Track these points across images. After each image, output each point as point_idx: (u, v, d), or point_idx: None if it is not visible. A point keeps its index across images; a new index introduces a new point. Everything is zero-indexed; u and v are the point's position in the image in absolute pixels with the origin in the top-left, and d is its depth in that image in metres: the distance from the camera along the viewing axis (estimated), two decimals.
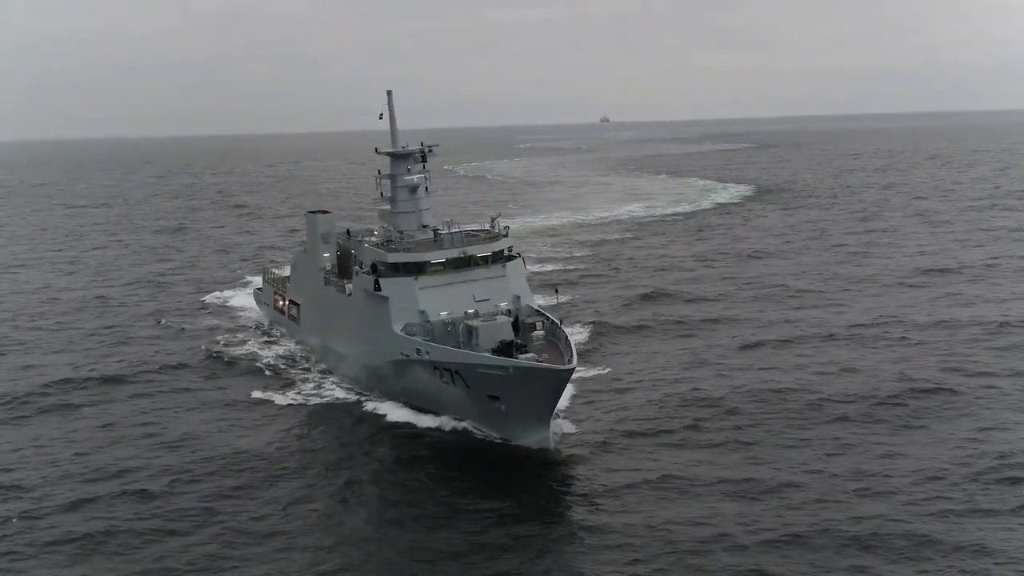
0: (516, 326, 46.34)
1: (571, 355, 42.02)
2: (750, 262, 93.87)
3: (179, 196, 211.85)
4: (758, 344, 60.67)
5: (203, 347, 63.96)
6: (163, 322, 73.14)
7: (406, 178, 54.25)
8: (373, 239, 55.46)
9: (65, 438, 46.99)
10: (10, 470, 42.42)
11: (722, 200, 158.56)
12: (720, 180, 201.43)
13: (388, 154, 55.35)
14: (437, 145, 57.30)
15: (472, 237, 52.36)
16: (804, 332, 63.19)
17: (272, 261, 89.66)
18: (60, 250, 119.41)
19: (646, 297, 77.06)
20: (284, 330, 66.60)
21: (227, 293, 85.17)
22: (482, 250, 50.23)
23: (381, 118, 57.04)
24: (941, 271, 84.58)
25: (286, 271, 71.69)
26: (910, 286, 78.60)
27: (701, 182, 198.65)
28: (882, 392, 49.21)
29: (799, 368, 54.90)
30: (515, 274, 51.16)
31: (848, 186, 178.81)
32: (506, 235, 52.91)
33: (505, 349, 43.21)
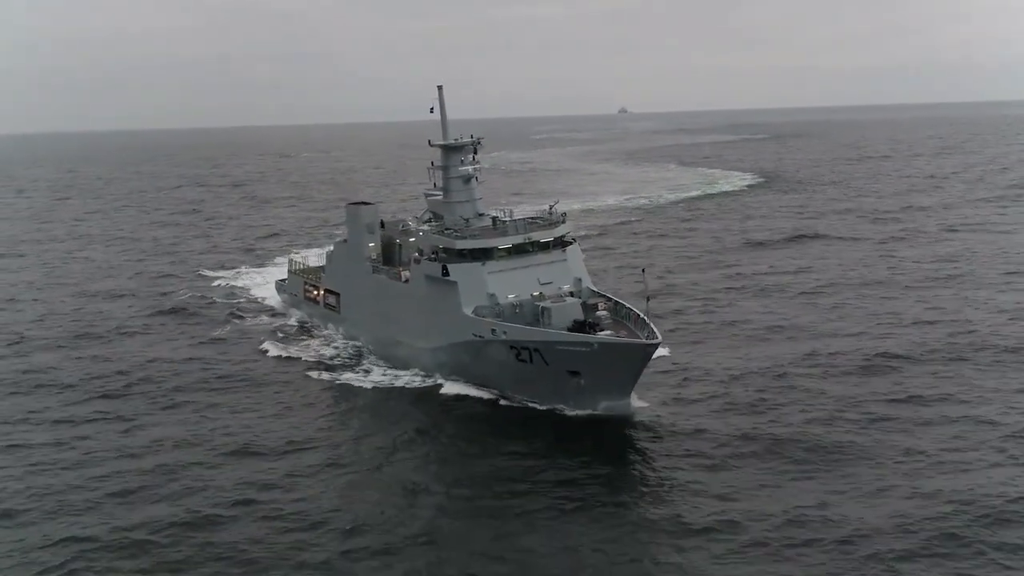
0: (582, 307, 48.46)
1: (650, 331, 44.09)
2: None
3: (203, 185, 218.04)
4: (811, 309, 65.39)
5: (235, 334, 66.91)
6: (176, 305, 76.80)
7: (461, 168, 56.20)
8: (428, 227, 57.03)
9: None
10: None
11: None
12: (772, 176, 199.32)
13: (441, 146, 57.15)
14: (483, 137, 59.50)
15: (532, 223, 54.44)
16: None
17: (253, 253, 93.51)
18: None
19: (684, 274, 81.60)
20: (318, 319, 67.91)
21: (219, 280, 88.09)
22: (544, 235, 52.45)
23: (432, 111, 58.96)
24: None
25: (311, 261, 73.98)
26: None
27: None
28: None
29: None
30: (575, 258, 53.40)
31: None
32: (563, 221, 54.87)
33: (579, 328, 45.67)
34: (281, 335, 66.14)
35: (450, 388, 50.86)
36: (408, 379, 53.50)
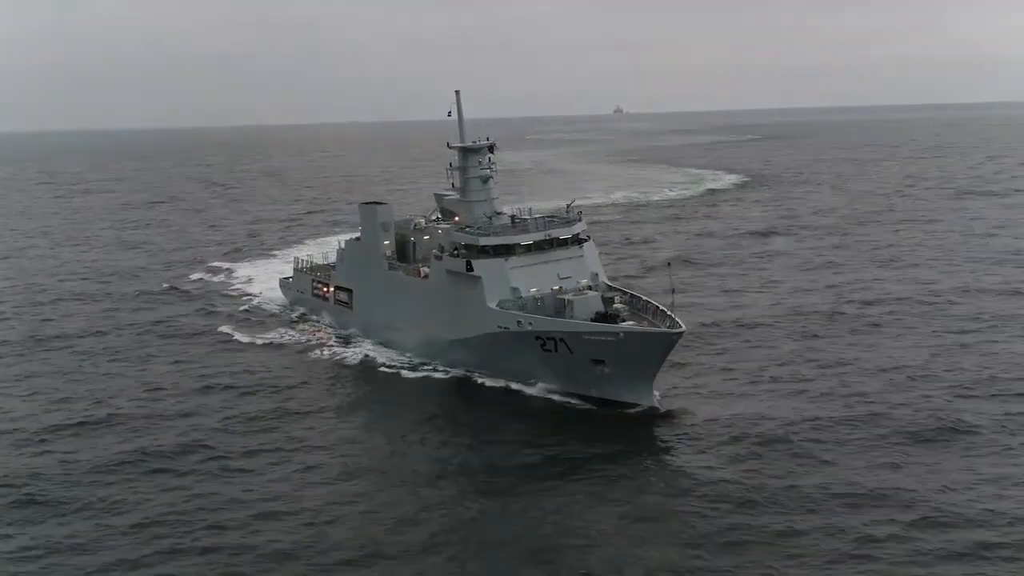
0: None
1: (672, 320, 46.59)
2: None
3: (202, 181, 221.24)
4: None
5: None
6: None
7: (479, 170, 58.41)
8: (445, 226, 59.45)
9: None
10: None
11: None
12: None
13: (460, 148, 59.29)
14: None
15: (551, 221, 56.92)
16: None
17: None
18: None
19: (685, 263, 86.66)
20: (328, 315, 69.46)
21: (220, 275, 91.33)
22: (563, 232, 54.95)
23: (450, 115, 61.23)
24: None
25: (317, 259, 76.30)
26: None
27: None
28: None
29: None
30: (591, 254, 56.02)
31: None
32: (580, 219, 57.35)
33: (601, 319, 48.43)
34: (283, 322, 70.88)
35: (456, 375, 54.09)
36: (418, 363, 57.40)
